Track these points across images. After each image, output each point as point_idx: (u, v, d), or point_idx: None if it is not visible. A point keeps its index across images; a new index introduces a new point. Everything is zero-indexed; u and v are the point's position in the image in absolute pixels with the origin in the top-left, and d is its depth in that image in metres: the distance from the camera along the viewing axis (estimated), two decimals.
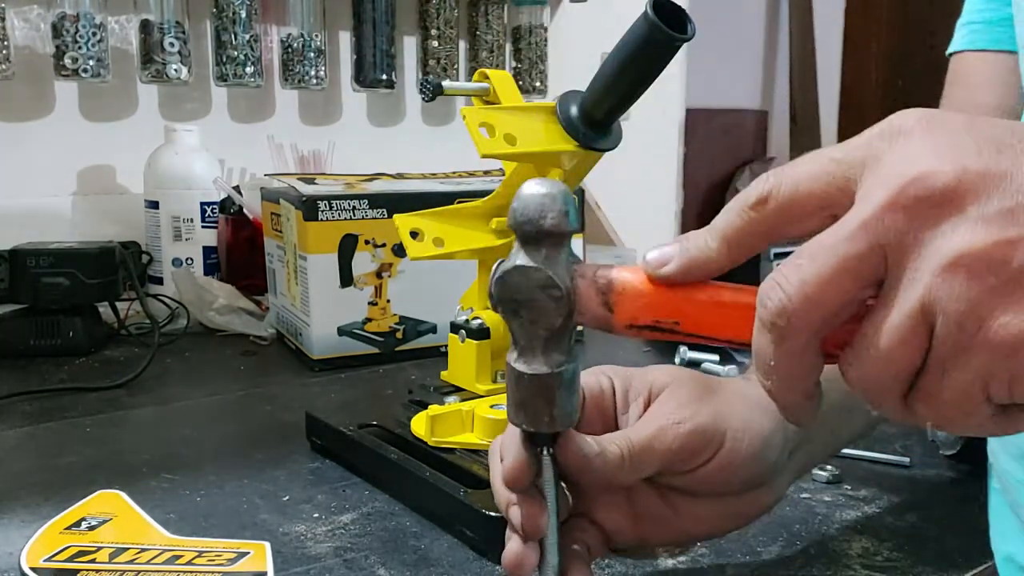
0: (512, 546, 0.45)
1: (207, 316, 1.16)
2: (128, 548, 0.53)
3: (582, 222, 0.56)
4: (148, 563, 0.51)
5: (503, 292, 0.41)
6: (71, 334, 1.04)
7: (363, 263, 1.01)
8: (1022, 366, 0.28)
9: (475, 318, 0.70)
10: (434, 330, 1.06)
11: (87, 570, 0.50)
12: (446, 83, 0.70)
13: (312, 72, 1.40)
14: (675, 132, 1.84)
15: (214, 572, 0.51)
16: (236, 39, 1.31)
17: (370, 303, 1.02)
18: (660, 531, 0.50)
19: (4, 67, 1.16)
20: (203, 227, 1.27)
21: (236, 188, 1.28)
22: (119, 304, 1.12)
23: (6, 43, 1.16)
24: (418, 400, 0.71)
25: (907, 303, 0.29)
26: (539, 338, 0.42)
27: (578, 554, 0.47)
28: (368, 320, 1.03)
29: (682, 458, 0.47)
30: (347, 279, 1.01)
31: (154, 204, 1.26)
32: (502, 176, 0.70)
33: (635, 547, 0.51)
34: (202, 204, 1.27)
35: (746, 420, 0.49)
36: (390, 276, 1.03)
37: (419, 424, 0.67)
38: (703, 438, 0.47)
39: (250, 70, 1.33)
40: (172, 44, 1.26)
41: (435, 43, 1.50)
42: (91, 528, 0.56)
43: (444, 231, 0.69)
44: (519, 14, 1.58)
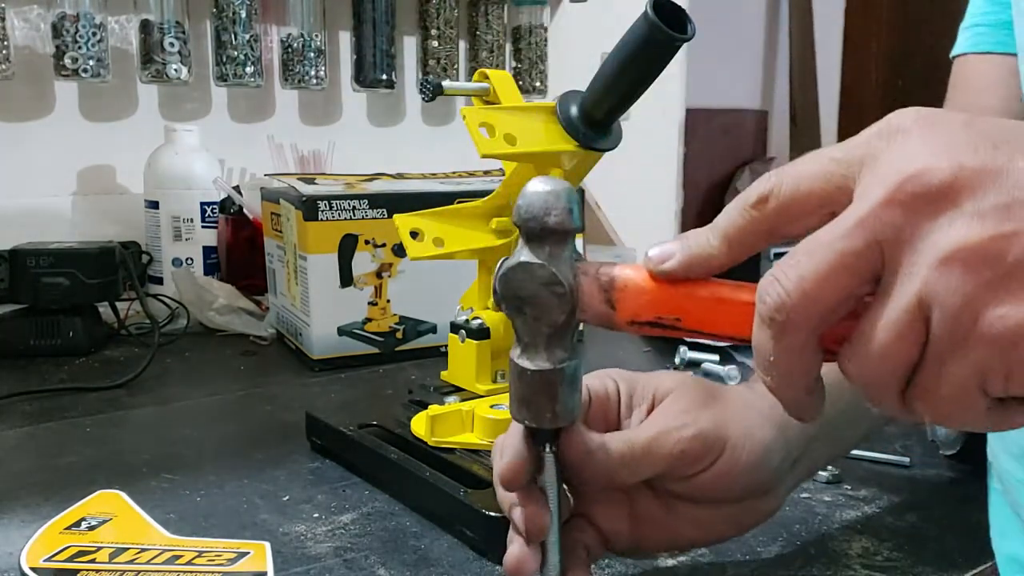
0: (514, 549, 0.45)
1: (207, 316, 1.16)
2: (128, 548, 0.53)
3: (583, 222, 0.56)
4: (148, 563, 0.51)
5: (507, 289, 0.42)
6: (71, 334, 1.04)
7: (363, 263, 1.01)
8: (1017, 359, 0.28)
9: (475, 318, 0.70)
10: (434, 330, 1.06)
11: (87, 570, 0.50)
12: (446, 83, 0.70)
13: (312, 72, 1.40)
14: (675, 132, 1.84)
15: (214, 572, 0.51)
16: (236, 39, 1.31)
17: (370, 303, 1.02)
18: (658, 535, 0.50)
19: (4, 67, 1.16)
20: (203, 227, 1.27)
21: (236, 188, 1.28)
22: (119, 304, 1.12)
23: (6, 43, 1.16)
24: (418, 400, 0.71)
25: (904, 298, 0.30)
26: (542, 335, 0.42)
27: (578, 554, 0.47)
28: (368, 320, 1.03)
29: (682, 463, 0.47)
30: (347, 279, 1.01)
31: (154, 204, 1.26)
32: (502, 176, 0.70)
33: (632, 549, 0.51)
34: (202, 204, 1.27)
35: (748, 429, 0.49)
36: (390, 276, 1.03)
37: (419, 424, 0.67)
38: (704, 445, 0.47)
39: (250, 70, 1.33)
40: (172, 44, 1.26)
41: (435, 43, 1.50)
42: (91, 528, 0.56)
43: (444, 231, 0.69)
44: (519, 14, 1.58)
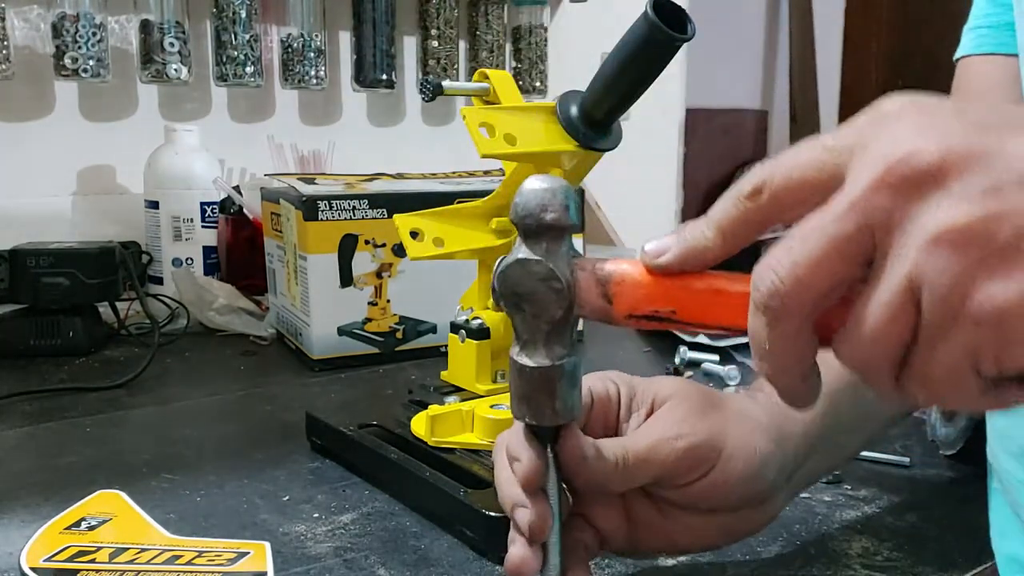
0: (517, 549, 0.45)
1: (207, 316, 1.16)
2: (128, 548, 0.53)
3: (582, 221, 0.56)
4: (148, 563, 0.51)
5: (505, 286, 0.42)
6: (71, 334, 1.04)
7: (363, 263, 1.01)
8: (1006, 338, 0.28)
9: (475, 318, 0.70)
10: (434, 330, 1.06)
11: (87, 570, 0.50)
12: (446, 83, 0.70)
13: (312, 72, 1.40)
14: (675, 132, 1.84)
15: (214, 572, 0.51)
16: (236, 39, 1.31)
17: (370, 303, 1.02)
18: (653, 538, 0.50)
19: (4, 67, 1.16)
20: (203, 227, 1.27)
21: (236, 188, 1.28)
22: (119, 304, 1.12)
23: (6, 43, 1.16)
24: (418, 400, 0.71)
25: (894, 280, 0.30)
26: (541, 331, 0.42)
27: (578, 554, 0.47)
28: (368, 320, 1.03)
29: (676, 473, 0.47)
30: (347, 279, 1.01)
31: (154, 204, 1.26)
32: (502, 176, 0.70)
33: (629, 550, 0.51)
34: (202, 204, 1.27)
35: (744, 440, 0.49)
36: (390, 276, 1.03)
37: (419, 424, 0.67)
38: (698, 455, 0.47)
39: (250, 70, 1.33)
40: (172, 44, 1.26)
41: (435, 43, 1.50)
42: (91, 528, 0.56)
43: (444, 231, 0.69)
44: (519, 14, 1.58)
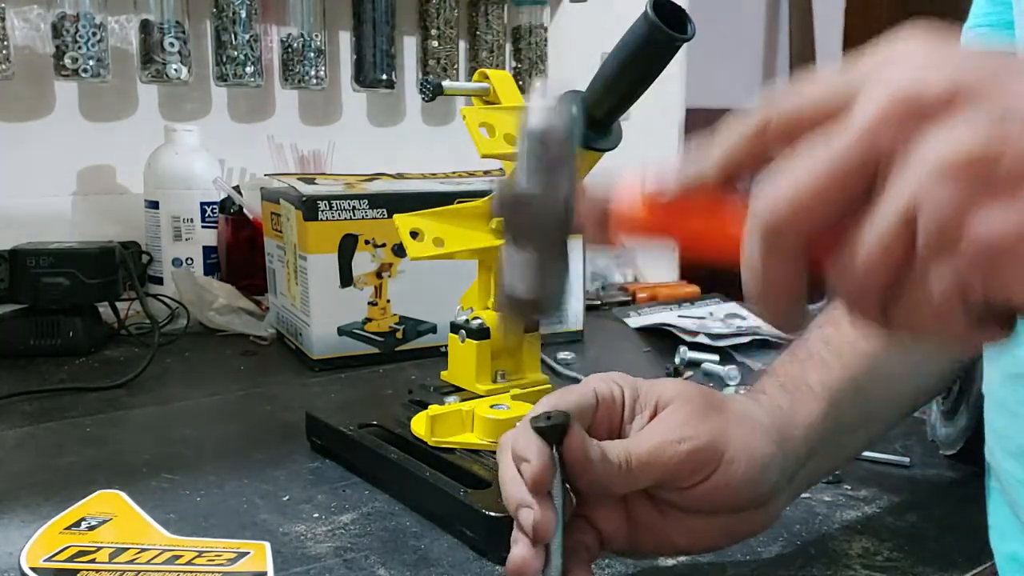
0: (519, 550, 0.45)
1: (207, 316, 1.16)
2: (128, 548, 0.53)
3: (584, 140, 0.57)
4: (148, 563, 0.51)
5: (504, 202, 0.42)
6: (71, 334, 1.04)
7: (363, 263, 1.01)
8: (999, 268, 0.28)
9: (475, 318, 0.70)
10: (434, 330, 1.06)
11: (87, 570, 0.50)
12: (446, 83, 0.70)
13: (312, 72, 1.40)
14: (675, 132, 1.84)
15: (214, 572, 0.51)
16: (236, 39, 1.31)
17: (370, 303, 1.02)
18: (654, 540, 0.50)
19: (4, 67, 1.16)
20: (203, 227, 1.27)
21: (236, 188, 1.28)
22: (119, 304, 1.12)
23: (6, 43, 1.16)
24: (418, 400, 0.71)
25: (893, 206, 0.30)
26: (534, 250, 0.42)
27: (580, 555, 0.48)
28: (368, 320, 1.02)
29: (678, 475, 0.47)
30: (347, 279, 1.01)
31: (154, 204, 1.26)
32: (502, 176, 0.70)
33: (630, 551, 0.51)
34: (202, 204, 1.26)
35: (746, 443, 0.49)
36: (390, 276, 1.03)
37: (419, 424, 0.67)
38: (700, 458, 0.47)
39: (250, 70, 1.33)
40: (172, 44, 1.26)
41: (435, 43, 1.49)
42: (91, 528, 0.56)
43: (444, 231, 0.69)
44: (519, 14, 1.58)
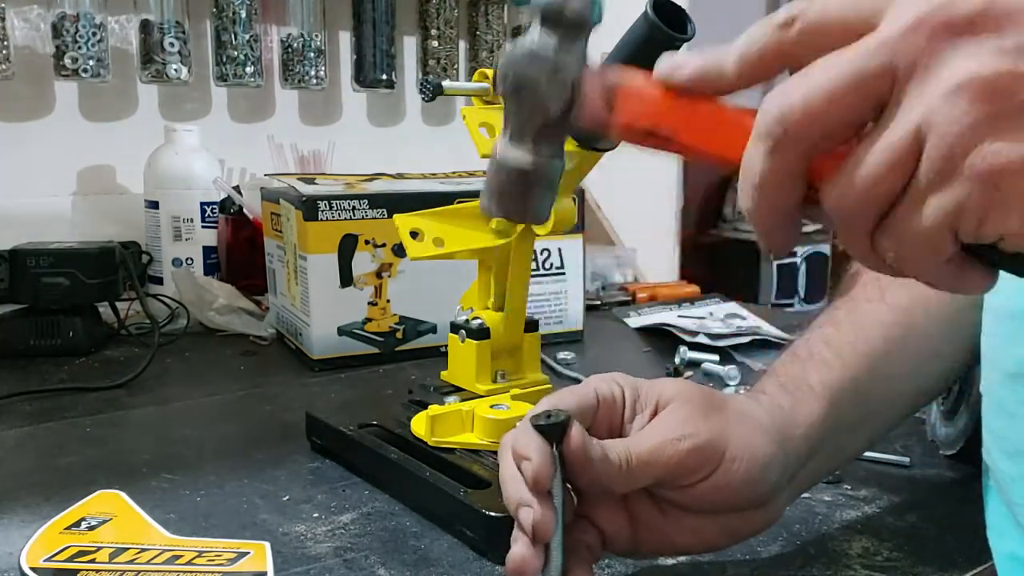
0: (518, 548, 0.45)
1: (207, 316, 1.16)
2: (128, 548, 0.53)
3: (601, 16, 0.57)
4: (148, 563, 0.51)
5: (510, 70, 0.40)
6: (71, 334, 1.04)
7: (363, 263, 1.01)
8: (998, 199, 0.28)
9: (475, 318, 0.70)
10: (434, 330, 1.06)
11: (87, 570, 0.50)
12: (446, 83, 0.70)
13: (312, 72, 1.40)
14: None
15: (214, 572, 0.51)
16: (236, 39, 1.31)
17: (370, 303, 1.02)
18: (655, 539, 0.50)
19: (4, 67, 1.16)
20: (203, 227, 1.27)
21: (236, 188, 1.28)
22: (119, 304, 1.12)
23: (6, 43, 1.16)
24: (418, 400, 0.71)
25: (904, 121, 0.29)
26: (533, 125, 0.41)
27: (581, 555, 0.48)
28: (368, 320, 1.03)
29: (679, 474, 0.47)
30: (347, 279, 1.01)
31: (154, 204, 1.26)
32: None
33: (631, 551, 0.51)
34: (202, 204, 1.27)
35: (747, 442, 0.49)
36: (390, 276, 1.03)
37: (419, 424, 0.67)
38: (701, 456, 0.47)
39: (250, 70, 1.33)
40: (172, 44, 1.26)
41: (435, 43, 1.50)
42: (91, 528, 0.56)
43: (444, 231, 0.69)
44: (519, 14, 1.58)
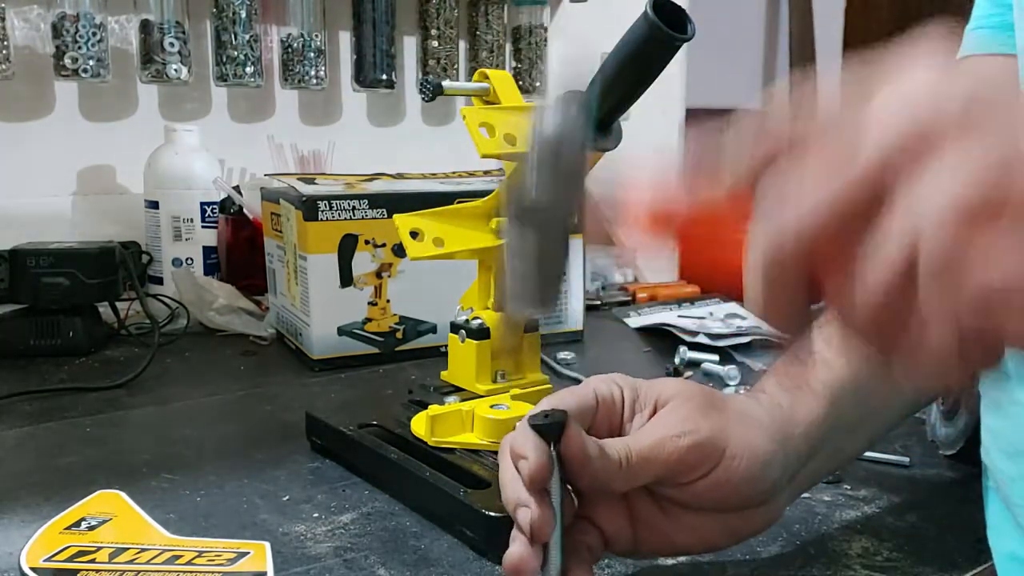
0: (516, 548, 0.45)
1: (207, 316, 1.16)
2: (128, 548, 0.53)
3: (596, 143, 0.59)
4: (148, 563, 0.51)
5: (512, 200, 0.43)
6: (71, 334, 1.04)
7: (363, 263, 1.01)
8: (997, 308, 0.28)
9: (475, 318, 0.70)
10: (434, 330, 1.06)
11: (87, 570, 0.50)
12: (446, 83, 0.70)
13: (312, 72, 1.40)
14: (675, 132, 1.84)
15: (214, 572, 0.51)
16: (236, 39, 1.31)
17: (370, 303, 1.02)
18: (655, 539, 0.50)
19: (4, 67, 1.16)
20: (203, 227, 1.27)
21: (236, 188, 1.28)
22: (119, 304, 1.12)
23: (6, 43, 1.16)
24: (418, 400, 0.71)
25: (895, 241, 0.30)
26: (537, 250, 0.43)
27: (581, 555, 0.48)
28: (368, 320, 1.02)
29: (679, 471, 0.48)
30: (347, 279, 1.01)
31: (154, 204, 1.26)
32: (502, 176, 0.70)
33: (632, 551, 0.51)
34: (202, 204, 1.27)
35: (747, 440, 0.49)
36: (390, 276, 1.03)
37: (419, 424, 0.67)
38: (701, 453, 0.48)
39: (250, 70, 1.33)
40: (172, 44, 1.26)
41: (435, 43, 1.49)
42: (91, 528, 0.56)
43: (444, 231, 0.69)
44: (519, 14, 1.58)
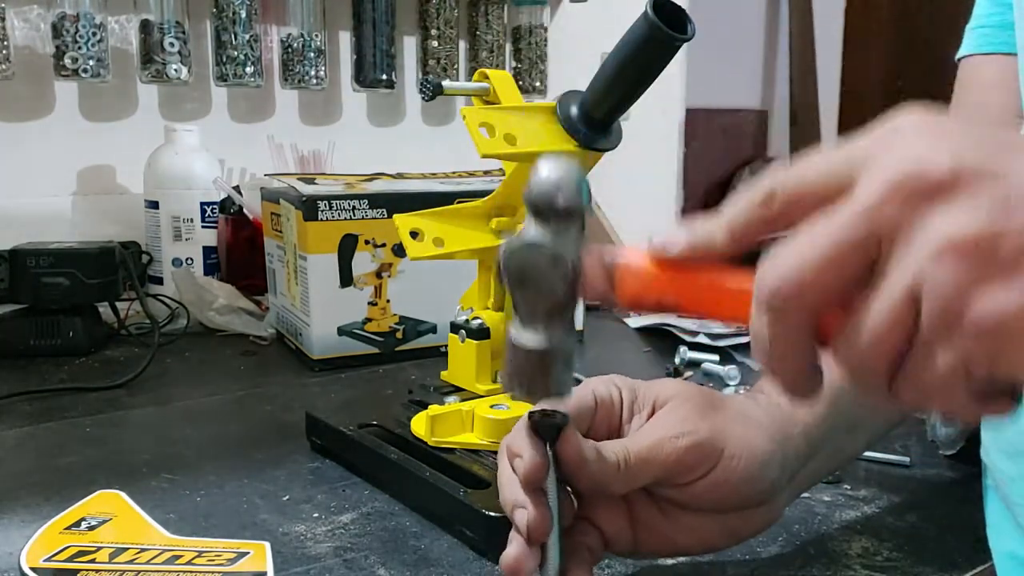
0: (512, 549, 0.45)
1: (207, 316, 1.16)
2: (128, 548, 0.53)
3: (591, 202, 0.58)
4: (148, 563, 0.51)
5: (511, 265, 0.42)
6: (71, 334, 1.04)
7: (363, 263, 1.01)
8: (1002, 348, 0.29)
9: (475, 318, 0.70)
10: (434, 330, 1.06)
11: (87, 570, 0.50)
12: (446, 83, 0.70)
13: (312, 72, 1.40)
14: (675, 132, 1.84)
15: (214, 572, 0.51)
16: (236, 39, 1.31)
17: (370, 303, 1.02)
18: (655, 540, 0.50)
19: (4, 67, 1.16)
20: (203, 227, 1.27)
21: (236, 188, 1.28)
22: (119, 304, 1.12)
23: (6, 43, 1.16)
24: (418, 400, 0.71)
25: (896, 287, 0.30)
26: (541, 311, 0.42)
27: (581, 556, 0.48)
28: (368, 320, 1.02)
29: (677, 472, 0.48)
30: (347, 279, 1.01)
31: (154, 204, 1.26)
32: (502, 176, 0.70)
33: (632, 552, 0.51)
34: (202, 204, 1.27)
35: (745, 441, 0.49)
36: (390, 276, 1.03)
37: (419, 424, 0.67)
38: (699, 454, 0.48)
39: (250, 70, 1.33)
40: (172, 44, 1.26)
41: (435, 43, 1.49)
42: (91, 528, 0.56)
43: (444, 231, 0.69)
44: (519, 14, 1.58)
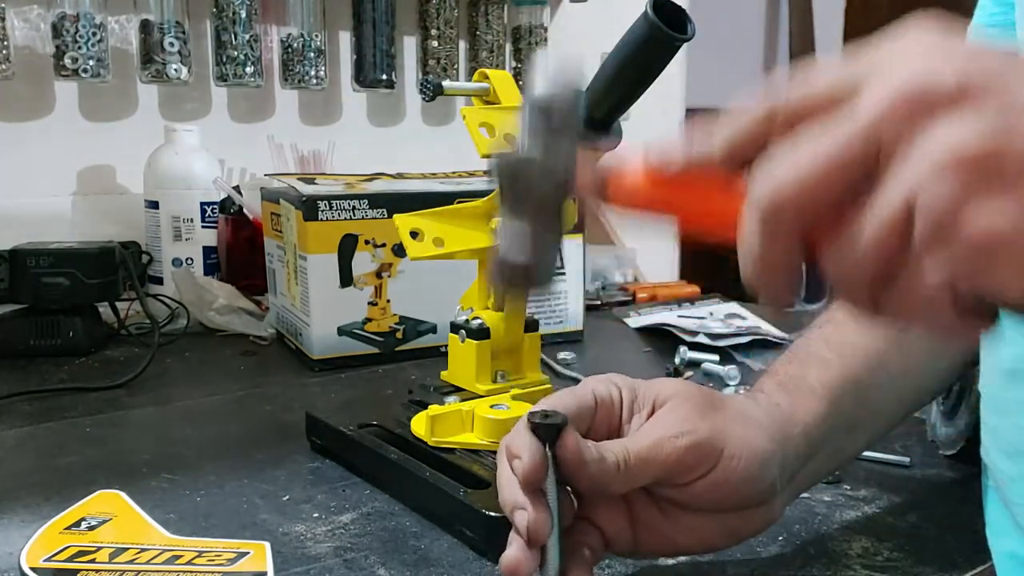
0: (512, 551, 0.45)
1: (207, 316, 1.16)
2: (128, 548, 0.53)
3: (587, 115, 0.59)
4: (148, 563, 0.51)
5: (504, 170, 0.43)
6: (71, 334, 1.04)
7: (363, 263, 1.01)
8: (991, 263, 0.29)
9: (475, 318, 0.70)
10: (434, 330, 1.06)
11: (87, 570, 0.50)
12: (446, 83, 0.70)
13: (312, 72, 1.40)
14: (675, 132, 1.84)
15: (214, 572, 0.51)
16: (236, 39, 1.31)
17: (370, 303, 1.02)
18: (655, 540, 0.50)
19: (4, 67, 1.16)
20: (203, 227, 1.27)
21: (236, 188, 1.28)
22: (119, 304, 1.12)
23: (6, 43, 1.16)
24: (418, 400, 0.71)
25: (892, 197, 0.30)
26: (530, 212, 0.43)
27: (582, 556, 0.48)
28: (368, 320, 1.02)
29: (677, 471, 0.48)
30: (347, 279, 1.01)
31: (154, 204, 1.26)
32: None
33: (630, 552, 0.51)
34: (202, 204, 1.27)
35: (745, 440, 0.49)
36: (390, 276, 1.03)
37: (419, 424, 0.67)
38: (699, 453, 0.48)
39: (250, 70, 1.33)
40: (172, 44, 1.26)
41: (435, 43, 1.50)
42: (91, 528, 0.56)
43: (444, 231, 0.69)
44: (519, 14, 1.58)
